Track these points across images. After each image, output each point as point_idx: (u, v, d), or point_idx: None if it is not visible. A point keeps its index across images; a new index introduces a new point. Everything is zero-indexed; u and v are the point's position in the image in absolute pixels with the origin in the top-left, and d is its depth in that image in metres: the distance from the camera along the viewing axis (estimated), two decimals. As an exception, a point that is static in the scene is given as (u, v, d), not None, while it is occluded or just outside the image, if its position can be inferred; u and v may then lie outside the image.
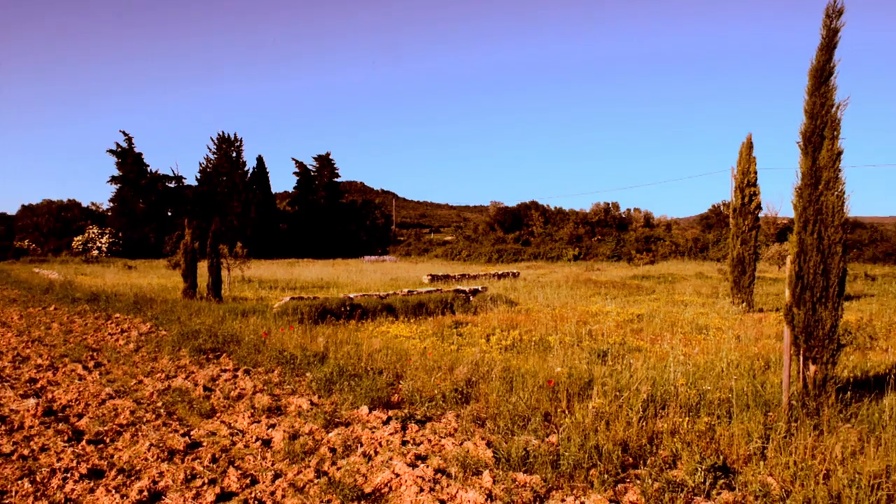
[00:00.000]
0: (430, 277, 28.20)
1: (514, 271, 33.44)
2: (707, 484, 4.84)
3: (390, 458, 5.55)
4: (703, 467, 4.96)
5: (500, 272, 32.15)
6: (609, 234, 67.26)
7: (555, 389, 7.09)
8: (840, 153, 6.26)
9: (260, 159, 73.34)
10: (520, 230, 73.11)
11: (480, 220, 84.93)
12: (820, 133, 6.29)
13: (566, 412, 6.51)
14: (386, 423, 6.62)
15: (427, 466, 5.34)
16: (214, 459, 5.67)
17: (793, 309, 6.30)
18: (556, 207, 78.72)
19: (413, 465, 5.38)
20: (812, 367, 6.30)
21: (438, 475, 5.18)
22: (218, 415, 7.09)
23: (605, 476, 5.02)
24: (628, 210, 77.59)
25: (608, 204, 75.86)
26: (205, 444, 6.09)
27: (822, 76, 6.39)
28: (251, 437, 6.27)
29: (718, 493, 4.78)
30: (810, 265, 6.14)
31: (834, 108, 6.33)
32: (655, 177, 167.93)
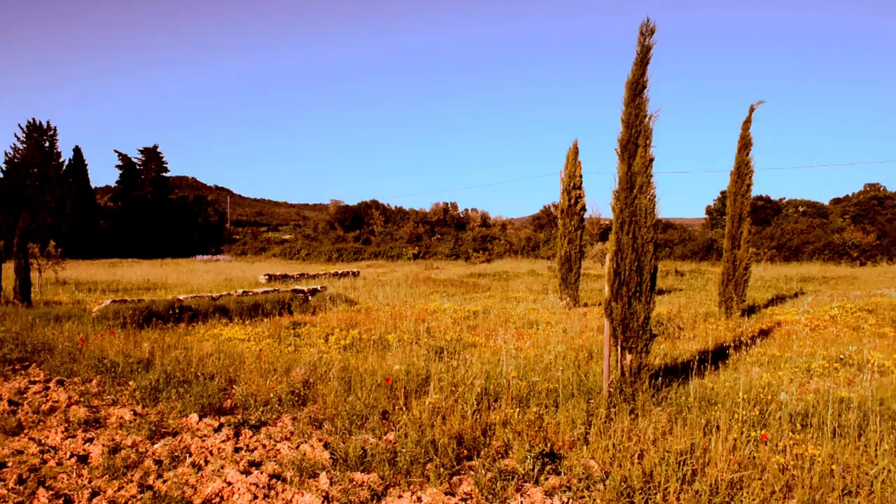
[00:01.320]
0: (267, 277, 27.39)
1: (355, 270, 33.33)
2: (536, 470, 5.10)
3: (222, 467, 5.33)
4: (532, 455, 5.22)
5: (340, 271, 31.90)
6: (448, 233, 68.92)
7: (393, 387, 7.15)
8: (652, 160, 6.84)
9: (77, 150, 67.40)
10: (360, 229, 73.00)
11: (320, 219, 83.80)
12: (635, 141, 6.83)
13: (404, 409, 6.59)
14: (217, 430, 6.34)
15: (262, 472, 5.18)
16: (21, 481, 5.14)
17: (611, 303, 6.80)
18: (396, 207, 79.55)
19: (246, 472, 5.20)
20: (629, 357, 6.83)
21: (273, 481, 5.04)
22: (26, 431, 6.44)
23: (441, 470, 5.13)
24: (466, 210, 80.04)
25: (447, 204, 77.77)
26: (10, 464, 5.51)
27: (636, 89, 6.94)
28: (65, 453, 5.75)
29: (546, 479, 5.05)
30: (626, 262, 6.67)
31: (647, 119, 6.90)
32: (492, 178, 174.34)
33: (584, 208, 19.04)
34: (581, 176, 19.06)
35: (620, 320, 6.77)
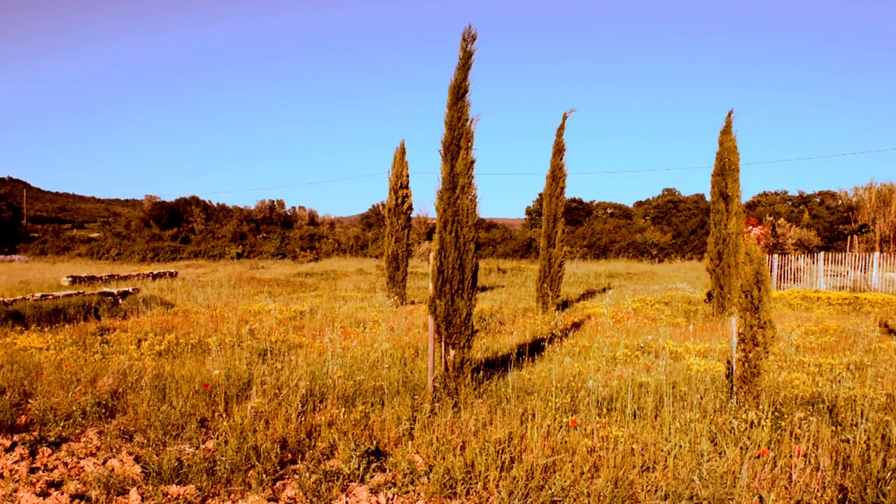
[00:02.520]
0: (70, 279, 25.04)
1: (172, 271, 31.41)
2: (361, 469, 5.10)
3: (15, 491, 4.80)
4: (358, 454, 5.21)
5: (156, 272, 29.91)
6: (274, 231, 67.05)
7: (212, 393, 6.83)
8: (473, 162, 7.09)
9: None
10: (179, 227, 68.90)
11: (133, 216, 77.98)
12: (457, 143, 7.04)
13: (224, 416, 6.31)
14: (10, 449, 5.69)
15: (62, 493, 4.73)
16: None
17: (435, 300, 6.97)
18: (219, 204, 75.99)
19: (44, 495, 4.72)
20: (452, 352, 7.03)
21: (76, 501, 4.62)
22: None
23: (264, 476, 4.98)
24: (294, 208, 78.31)
25: (273, 201, 75.63)
26: None
27: (458, 92, 7.15)
28: None
29: (372, 477, 5.07)
30: (449, 261, 6.85)
31: (469, 122, 7.14)
32: (321, 176, 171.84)
33: (411, 207, 19.34)
34: (408, 175, 19.34)
35: (444, 317, 6.95)
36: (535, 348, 10.43)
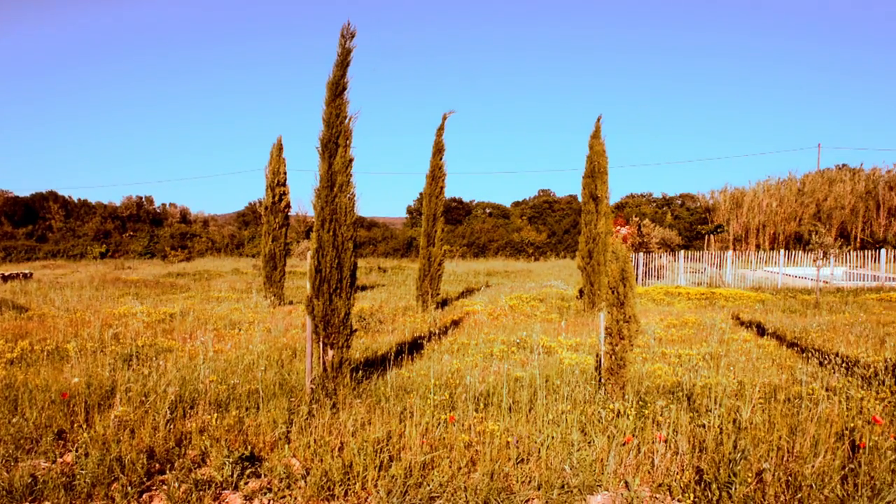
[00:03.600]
0: None
1: (27, 272, 29.07)
2: (235, 476, 4.93)
3: None
4: (232, 460, 5.03)
5: (7, 273, 27.56)
6: (142, 230, 63.49)
7: (71, 403, 6.37)
8: (352, 160, 7.03)
9: None
10: (34, 224, 63.83)
11: (-19, 213, 71.42)
12: (335, 140, 6.95)
13: (84, 426, 5.91)
14: None
15: None
16: None
17: (313, 300, 6.85)
18: (80, 200, 70.91)
19: None
20: (330, 352, 6.94)
21: None
22: None
23: (129, 488, 4.71)
24: (164, 205, 74.43)
25: (141, 198, 71.57)
26: None
27: (337, 89, 7.07)
28: None
29: (246, 483, 4.91)
30: (327, 260, 6.76)
31: (347, 119, 7.07)
32: (193, 171, 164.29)
33: (289, 205, 18.92)
34: (286, 173, 18.91)
35: (322, 317, 6.84)
36: (414, 347, 10.49)
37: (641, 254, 27.50)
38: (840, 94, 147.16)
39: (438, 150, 17.05)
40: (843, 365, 7.93)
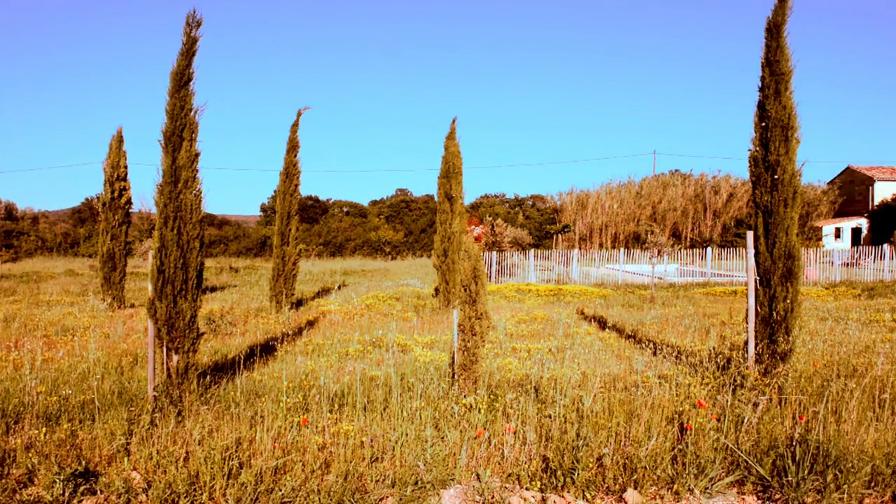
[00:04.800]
0: None
1: None
2: (67, 494, 4.56)
3: None
4: (63, 477, 4.64)
5: None
6: (-42, 228, 57.08)
7: None
8: (198, 154, 6.70)
9: None
10: None
11: None
12: (180, 134, 6.60)
13: None
14: None
15: None
16: None
17: (156, 302, 6.47)
18: None
19: None
20: (175, 357, 6.58)
21: None
22: None
23: (-63, 515, 4.22)
24: (-16, 200, 67.31)
25: (-44, 192, 64.37)
26: None
27: (181, 80, 6.71)
28: None
29: (80, 501, 4.56)
30: (171, 260, 6.40)
31: (193, 112, 6.73)
32: (21, 163, 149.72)
33: (130, 202, 17.76)
34: (127, 167, 17.73)
35: (166, 320, 6.48)
36: (267, 349, 10.20)
37: (495, 252, 28.39)
38: (673, 105, 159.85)
39: (293, 146, 16.68)
40: (674, 354, 8.61)
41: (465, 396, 6.29)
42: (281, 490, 4.62)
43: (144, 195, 61.89)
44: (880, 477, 4.89)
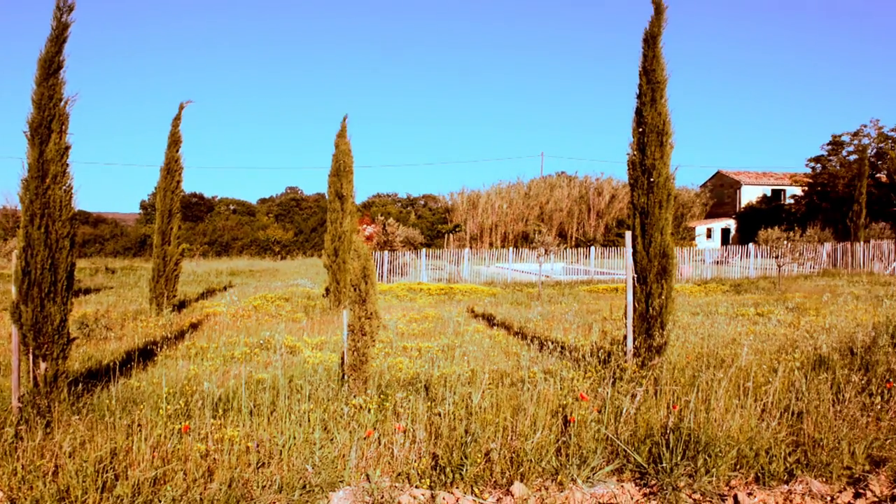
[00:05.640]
0: None
1: None
2: (-86, 518, 4.17)
3: None
4: None
5: None
6: None
7: None
8: (68, 147, 6.29)
9: None
10: None
11: None
12: (48, 125, 6.17)
13: None
14: None
15: None
16: None
17: (20, 306, 6.01)
18: None
19: None
20: (43, 365, 6.15)
21: None
22: None
23: None
24: None
25: None
26: None
27: (50, 67, 6.28)
28: None
29: (-70, 525, 4.18)
30: (38, 260, 5.97)
31: (63, 102, 6.31)
32: None
33: (-9, 198, 16.43)
34: (-12, 161, 16.39)
35: (32, 325, 6.03)
36: (147, 354, 9.72)
37: (386, 252, 28.37)
38: (560, 108, 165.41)
39: (175, 141, 15.99)
40: (559, 349, 8.90)
41: (355, 397, 6.25)
42: (160, 501, 4.42)
43: (9, 191, 57.45)
44: (745, 459, 5.26)
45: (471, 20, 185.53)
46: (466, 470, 4.90)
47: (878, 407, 6.09)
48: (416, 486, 4.90)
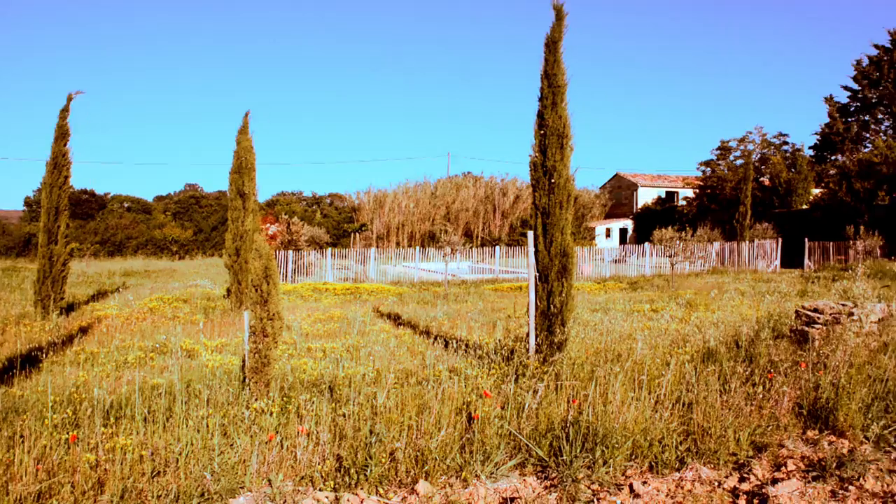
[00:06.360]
0: None
1: None
2: None
3: None
4: None
5: None
6: None
7: None
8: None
9: None
10: None
11: None
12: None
13: None
14: None
15: None
16: None
17: None
18: None
19: None
20: None
21: None
22: None
23: None
24: None
25: None
26: None
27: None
28: None
29: None
30: None
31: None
32: None
33: None
34: None
35: None
36: (32, 360, 9.14)
37: (291, 251, 27.83)
38: (466, 109, 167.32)
39: (63, 133, 15.10)
40: (464, 347, 9.01)
41: (256, 400, 6.10)
42: (44, 516, 4.17)
43: None
44: (640, 450, 5.49)
45: (376, 15, 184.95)
46: (371, 470, 4.88)
47: (761, 396, 6.49)
48: (320, 489, 4.83)
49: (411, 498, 4.82)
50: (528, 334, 7.76)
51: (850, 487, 4.99)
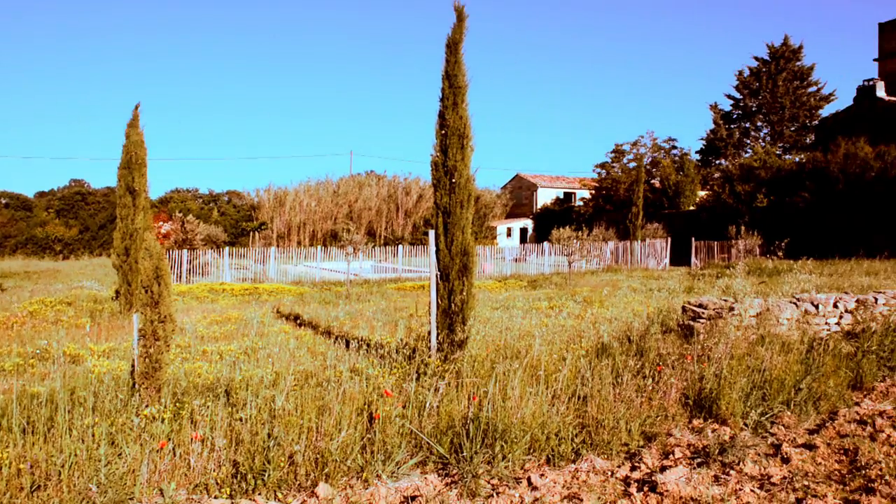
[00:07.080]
0: None
1: None
2: None
3: None
4: None
5: None
6: None
7: None
8: None
9: None
10: None
11: None
12: None
13: None
14: None
15: None
16: None
17: None
18: None
19: None
20: None
21: None
22: None
23: None
24: None
25: None
26: None
27: None
28: None
29: None
30: None
31: None
32: None
33: None
34: None
35: None
36: None
37: (186, 251, 26.80)
38: (370, 107, 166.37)
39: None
40: (366, 347, 8.96)
41: (147, 407, 5.84)
42: None
43: None
44: (538, 443, 5.65)
45: (275, 6, 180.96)
46: (269, 475, 4.78)
47: (650, 388, 6.81)
48: (216, 497, 4.69)
49: (311, 501, 4.75)
50: (429, 333, 7.81)
51: (731, 472, 5.32)
